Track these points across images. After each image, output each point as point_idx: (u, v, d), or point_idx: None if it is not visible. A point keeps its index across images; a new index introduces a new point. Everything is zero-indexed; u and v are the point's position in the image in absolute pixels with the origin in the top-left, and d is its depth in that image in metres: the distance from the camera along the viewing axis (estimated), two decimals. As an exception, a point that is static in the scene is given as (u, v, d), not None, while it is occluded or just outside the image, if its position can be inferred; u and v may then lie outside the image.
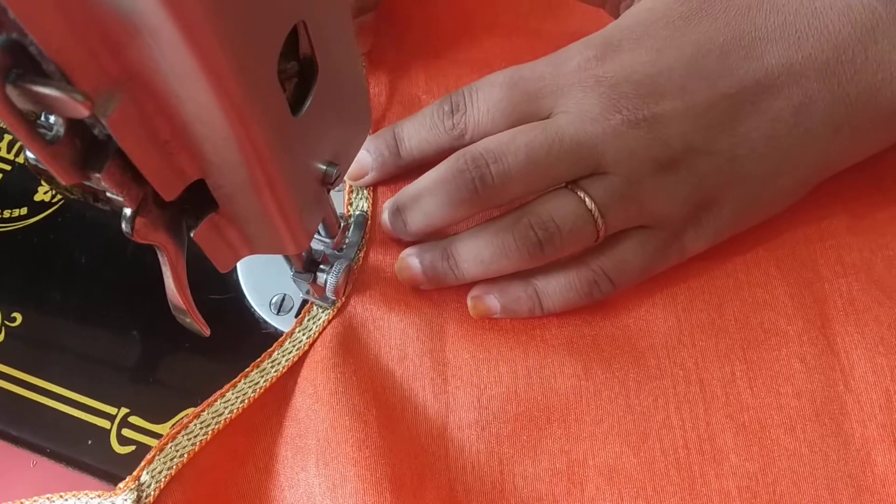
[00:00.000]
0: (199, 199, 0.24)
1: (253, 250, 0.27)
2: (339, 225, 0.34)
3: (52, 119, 0.19)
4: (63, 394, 0.34)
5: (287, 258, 0.32)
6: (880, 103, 0.30)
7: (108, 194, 0.21)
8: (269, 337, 0.35)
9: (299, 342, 0.33)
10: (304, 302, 0.35)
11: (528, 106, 0.32)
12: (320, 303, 0.34)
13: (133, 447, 0.33)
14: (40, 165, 0.22)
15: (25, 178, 0.39)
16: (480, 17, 0.40)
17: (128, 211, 0.22)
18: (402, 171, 0.35)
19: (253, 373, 0.33)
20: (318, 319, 0.34)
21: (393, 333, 0.33)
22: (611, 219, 0.31)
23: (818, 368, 0.32)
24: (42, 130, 0.19)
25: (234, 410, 0.32)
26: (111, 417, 0.34)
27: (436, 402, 0.32)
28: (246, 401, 0.32)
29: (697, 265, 0.34)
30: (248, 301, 0.36)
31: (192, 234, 0.24)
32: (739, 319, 0.33)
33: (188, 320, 0.27)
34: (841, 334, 0.33)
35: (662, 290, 0.34)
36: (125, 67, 0.18)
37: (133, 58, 0.18)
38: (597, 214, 0.31)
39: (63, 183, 0.19)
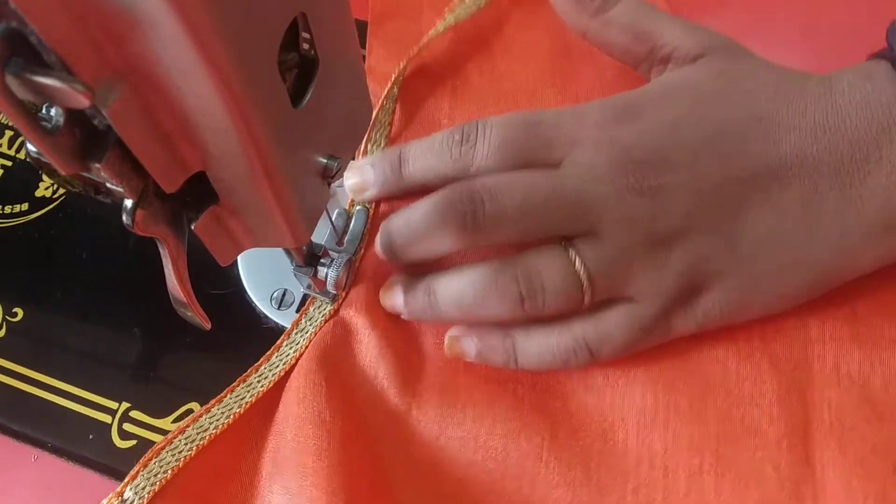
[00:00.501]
0: (199, 192, 0.24)
1: (254, 243, 0.27)
2: (342, 219, 0.34)
3: (52, 111, 0.19)
4: (64, 388, 0.34)
5: (288, 252, 0.32)
6: (892, 208, 0.29)
7: (109, 186, 0.21)
8: (271, 332, 0.35)
9: (286, 356, 0.33)
10: (305, 297, 0.35)
11: (539, 151, 0.31)
12: (321, 297, 0.34)
13: (134, 441, 0.33)
14: (41, 158, 0.22)
15: (27, 173, 0.39)
16: (517, 52, 0.39)
17: (128, 203, 0.22)
18: (402, 193, 0.34)
19: (239, 387, 0.32)
20: (306, 332, 0.33)
21: (370, 350, 0.32)
22: (599, 286, 0.30)
23: (790, 479, 0.30)
24: (42, 122, 0.19)
25: (220, 426, 0.31)
26: (112, 412, 0.34)
27: (395, 430, 0.31)
28: (231, 416, 0.31)
29: (687, 345, 0.32)
30: (248, 296, 0.36)
31: (192, 227, 0.24)
32: (720, 411, 0.31)
33: (189, 313, 0.27)
34: (821, 447, 0.30)
35: (646, 364, 0.32)
36: (126, 59, 0.18)
37: (133, 49, 0.18)
38: (585, 279, 0.30)
39: (63, 173, 0.19)
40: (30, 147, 0.22)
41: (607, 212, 0.29)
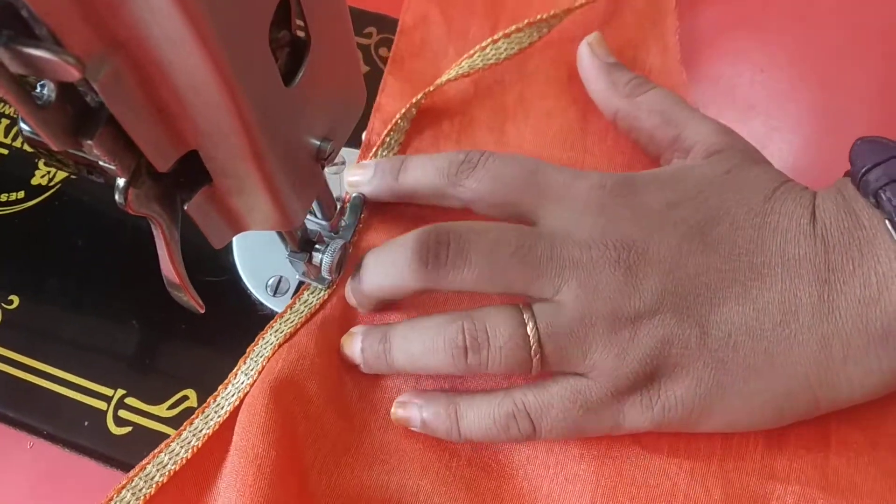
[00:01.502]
0: (192, 172, 0.24)
1: (247, 226, 0.27)
2: (336, 206, 0.34)
3: (44, 90, 0.19)
4: (59, 375, 0.34)
5: (282, 238, 0.32)
6: (869, 324, 0.28)
7: (102, 164, 0.22)
8: (266, 319, 0.35)
9: (241, 384, 0.32)
10: (300, 283, 0.35)
11: (529, 196, 0.31)
12: (316, 283, 0.34)
13: (129, 428, 0.33)
14: (35, 136, 0.22)
15: (23, 161, 0.39)
16: (531, 121, 0.39)
17: (121, 181, 0.22)
18: (394, 197, 0.35)
19: (197, 420, 0.32)
20: (269, 344, 0.33)
21: (319, 382, 0.32)
22: (549, 353, 0.29)
23: None
24: (35, 98, 0.19)
25: (179, 461, 0.31)
26: (107, 399, 0.34)
27: (329, 467, 0.31)
28: (191, 450, 0.31)
29: (640, 451, 0.31)
30: (244, 283, 0.36)
31: (185, 207, 0.24)
32: None
33: (183, 296, 0.27)
34: None
35: (592, 462, 0.31)
36: (116, 32, 0.18)
37: (124, 22, 0.18)
38: (534, 344, 0.29)
39: (54, 148, 0.19)
40: (23, 126, 0.22)
41: (572, 278, 0.29)
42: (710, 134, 0.33)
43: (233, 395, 0.32)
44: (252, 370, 0.32)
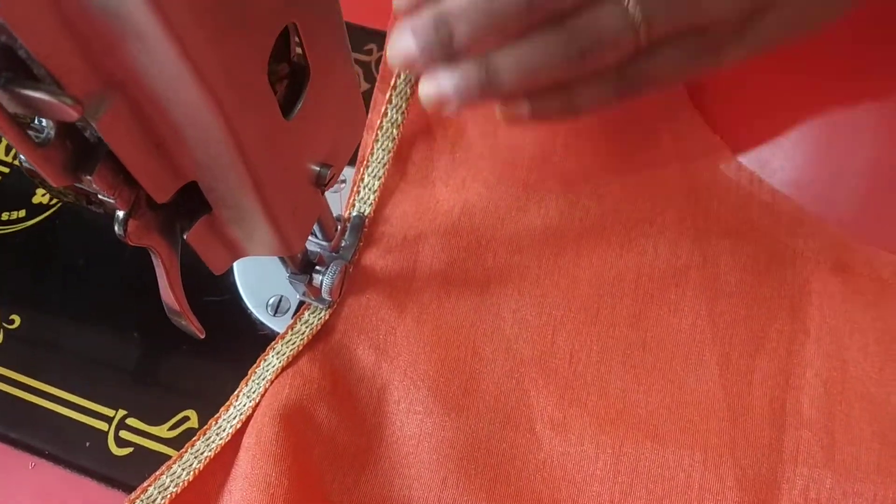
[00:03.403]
0: (192, 201, 0.24)
1: (247, 252, 0.27)
2: (336, 227, 0.34)
3: (43, 122, 0.19)
4: (61, 396, 0.34)
5: (283, 260, 0.32)
6: None
7: (101, 196, 0.22)
8: (266, 338, 0.35)
9: (243, 406, 0.32)
10: (301, 303, 0.35)
11: None
12: (316, 303, 0.34)
13: (130, 449, 0.33)
14: (34, 169, 0.22)
15: (24, 180, 0.39)
16: None
17: (120, 213, 0.22)
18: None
19: (198, 442, 0.32)
20: (271, 366, 0.33)
21: (336, 402, 0.32)
22: (656, 27, 0.29)
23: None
24: (34, 133, 0.19)
25: (181, 483, 0.31)
26: (109, 419, 0.34)
27: (348, 487, 0.31)
28: (192, 472, 0.31)
29: (650, 445, 0.32)
30: (244, 303, 0.36)
31: (185, 236, 0.24)
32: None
33: (183, 322, 0.27)
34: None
35: (606, 462, 0.31)
36: (114, 72, 0.18)
37: (122, 62, 0.18)
38: (640, 23, 0.29)
39: (54, 185, 0.20)
40: (23, 158, 0.22)
41: None
42: None
43: (234, 418, 0.32)
44: (254, 392, 0.32)
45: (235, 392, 0.32)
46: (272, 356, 0.33)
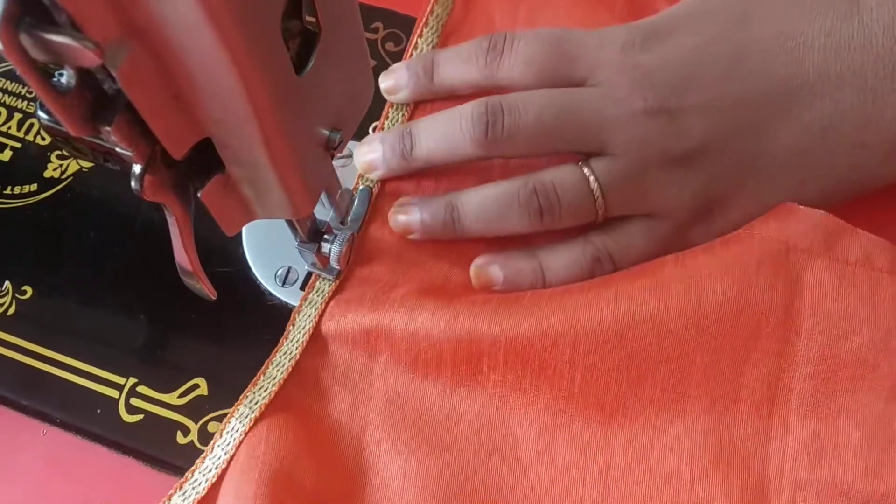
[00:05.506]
0: (206, 161, 0.24)
1: (259, 214, 0.27)
2: (346, 197, 0.34)
3: (64, 77, 0.20)
4: (72, 364, 0.35)
5: (292, 228, 0.32)
6: None
7: (118, 150, 0.22)
8: (275, 309, 0.35)
9: (218, 459, 0.31)
10: (309, 274, 0.35)
11: (563, 68, 0.32)
12: (325, 274, 0.34)
13: (141, 416, 0.34)
14: (53, 124, 0.23)
15: (35, 155, 0.39)
16: None
17: (137, 168, 0.23)
18: (433, 96, 0.36)
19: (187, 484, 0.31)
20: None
21: (315, 453, 0.32)
22: (612, 200, 0.31)
23: None
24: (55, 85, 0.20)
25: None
26: (119, 387, 0.34)
27: None
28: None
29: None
30: (253, 274, 0.36)
31: (199, 195, 0.25)
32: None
33: (196, 284, 0.28)
34: None
35: (593, 486, 0.31)
36: (134, 19, 0.19)
37: (142, 9, 0.18)
38: (598, 193, 0.31)
39: (73, 135, 0.20)
40: (41, 115, 0.23)
41: (621, 132, 0.31)
42: None
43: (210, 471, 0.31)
44: (255, 404, 0.32)
45: (254, 381, 0.33)
46: (320, 283, 0.34)
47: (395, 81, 0.36)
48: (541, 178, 0.32)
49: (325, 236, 0.33)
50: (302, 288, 0.35)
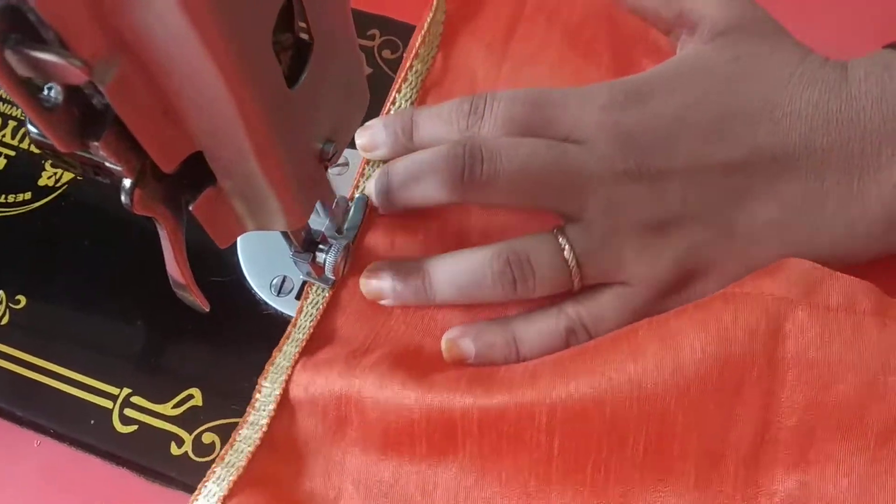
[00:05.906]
0: (197, 173, 0.24)
1: (251, 226, 0.27)
2: (341, 206, 0.34)
3: (52, 92, 0.20)
4: (66, 374, 0.34)
5: (287, 238, 0.32)
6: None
7: (108, 165, 0.22)
8: (270, 318, 0.35)
9: (221, 480, 0.31)
10: (304, 283, 0.35)
11: (543, 130, 0.31)
12: (320, 283, 0.34)
13: (135, 427, 0.33)
14: (42, 139, 0.22)
15: (29, 163, 0.39)
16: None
17: (127, 182, 0.22)
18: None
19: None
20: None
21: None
22: (587, 272, 0.31)
23: None
24: (42, 101, 0.20)
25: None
26: (113, 398, 0.34)
27: None
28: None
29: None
30: (248, 283, 0.36)
31: (190, 208, 0.25)
32: None
33: (189, 296, 0.28)
34: None
35: None
36: (122, 35, 0.18)
37: (130, 25, 0.18)
38: (573, 264, 0.30)
39: (61, 150, 0.20)
40: (31, 128, 0.23)
41: (599, 194, 0.30)
42: (714, 7, 0.32)
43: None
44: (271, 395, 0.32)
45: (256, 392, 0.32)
46: (314, 293, 0.34)
47: (371, 139, 0.35)
48: (515, 247, 0.31)
49: (320, 246, 0.33)
50: (297, 297, 0.35)
